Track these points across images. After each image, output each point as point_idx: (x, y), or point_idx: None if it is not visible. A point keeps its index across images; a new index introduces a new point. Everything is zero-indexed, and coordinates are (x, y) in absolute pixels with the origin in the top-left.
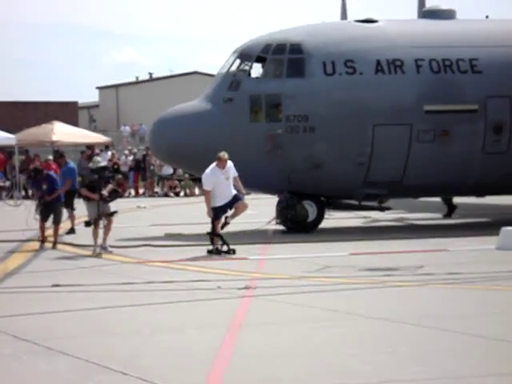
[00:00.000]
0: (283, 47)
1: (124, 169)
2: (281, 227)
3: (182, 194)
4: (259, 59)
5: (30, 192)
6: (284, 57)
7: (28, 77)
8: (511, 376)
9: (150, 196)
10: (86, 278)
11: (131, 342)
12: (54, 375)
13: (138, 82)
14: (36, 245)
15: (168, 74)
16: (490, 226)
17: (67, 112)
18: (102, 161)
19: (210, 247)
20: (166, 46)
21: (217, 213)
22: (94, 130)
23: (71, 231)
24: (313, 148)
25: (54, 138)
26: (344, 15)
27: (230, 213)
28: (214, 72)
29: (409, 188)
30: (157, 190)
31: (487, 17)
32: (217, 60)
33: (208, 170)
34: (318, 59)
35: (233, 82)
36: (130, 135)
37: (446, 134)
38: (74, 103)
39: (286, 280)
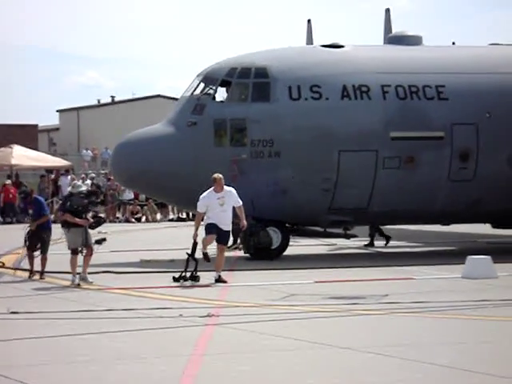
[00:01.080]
0: (248, 71)
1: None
2: (245, 254)
3: (143, 219)
4: (224, 83)
5: None
6: (249, 81)
7: None
8: None
9: (111, 222)
10: (45, 304)
11: (92, 370)
12: None
13: (99, 105)
14: None
15: (130, 97)
16: (456, 254)
17: (26, 135)
18: (82, 185)
19: (176, 275)
20: (128, 69)
21: (209, 228)
22: (54, 153)
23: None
24: (278, 173)
25: (13, 161)
26: (310, 40)
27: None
28: (178, 96)
29: (374, 215)
30: (118, 215)
31: (453, 43)
32: (180, 83)
33: (204, 193)
34: (284, 83)
35: (197, 105)
36: (92, 159)
37: (412, 160)
38: (34, 126)
39: (250, 308)
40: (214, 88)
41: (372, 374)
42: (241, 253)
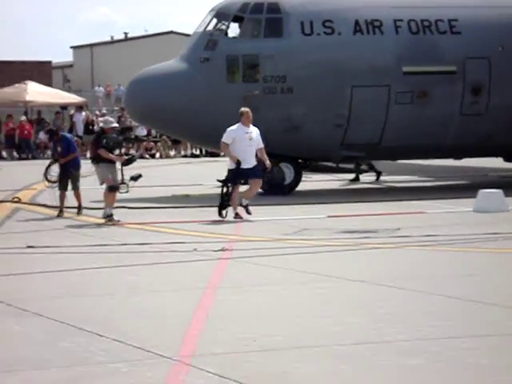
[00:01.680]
0: (261, 6)
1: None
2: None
3: (157, 155)
4: (236, 19)
5: (4, 153)
6: (261, 16)
7: (1, 36)
8: (485, 337)
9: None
10: (60, 239)
11: (106, 304)
12: (27, 336)
13: (112, 42)
14: (7, 206)
15: (143, 33)
16: (467, 188)
17: (41, 72)
18: (114, 121)
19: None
20: (141, 6)
21: (235, 176)
22: (69, 90)
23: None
24: (290, 109)
25: (28, 97)
26: None
27: (243, 190)
28: (190, 32)
29: (387, 150)
30: (132, 151)
31: None
32: (193, 19)
33: (232, 126)
34: (296, 19)
35: (209, 41)
36: (105, 96)
37: (425, 95)
38: (48, 63)
39: (263, 242)
40: (226, 24)
41: (385, 305)
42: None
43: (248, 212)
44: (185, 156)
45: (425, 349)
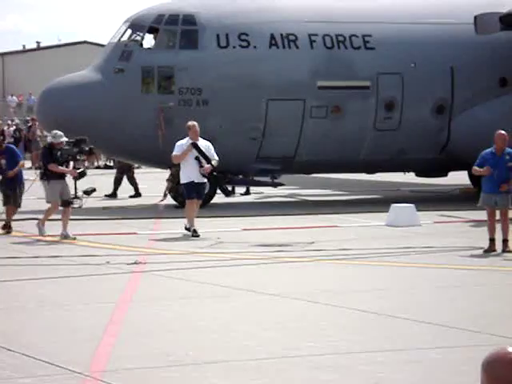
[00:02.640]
0: (176, 18)
1: (9, 140)
2: (173, 202)
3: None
4: (151, 30)
5: None
6: (177, 28)
7: None
8: (398, 352)
9: (36, 168)
10: None
11: (16, 318)
12: None
13: (24, 51)
14: None
15: (56, 43)
16: (380, 202)
17: None
18: (62, 134)
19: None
20: (53, 14)
21: (188, 191)
22: None
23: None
24: (206, 122)
25: None
26: None
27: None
28: (104, 42)
29: (301, 164)
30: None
31: None
32: (106, 30)
33: (180, 141)
34: (212, 31)
35: (124, 52)
36: (17, 105)
37: (338, 110)
38: None
39: (178, 255)
40: (141, 35)
41: (298, 320)
42: (169, 201)
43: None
44: (98, 167)
45: (337, 363)
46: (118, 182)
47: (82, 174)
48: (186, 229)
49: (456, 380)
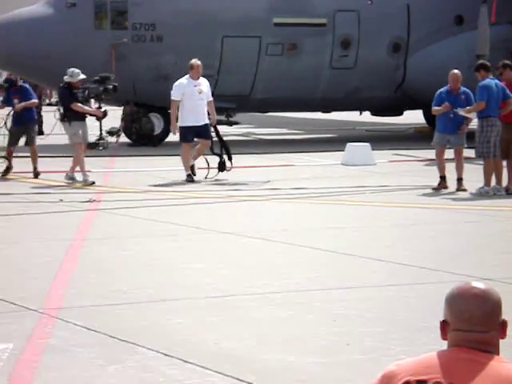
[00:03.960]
0: None
1: None
2: (127, 140)
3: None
4: None
5: None
6: None
7: None
8: (354, 289)
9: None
10: None
11: None
12: None
13: None
14: None
15: None
16: (335, 141)
17: None
18: (80, 72)
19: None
20: None
21: (185, 134)
22: None
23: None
24: (160, 58)
25: None
26: None
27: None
28: None
29: (257, 102)
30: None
31: None
32: None
33: (180, 79)
34: None
35: None
36: None
37: (295, 47)
38: None
39: (132, 194)
40: None
41: (256, 257)
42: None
43: (193, 173)
44: (49, 104)
45: (293, 300)
46: None
47: (105, 114)
48: (187, 176)
49: (410, 315)
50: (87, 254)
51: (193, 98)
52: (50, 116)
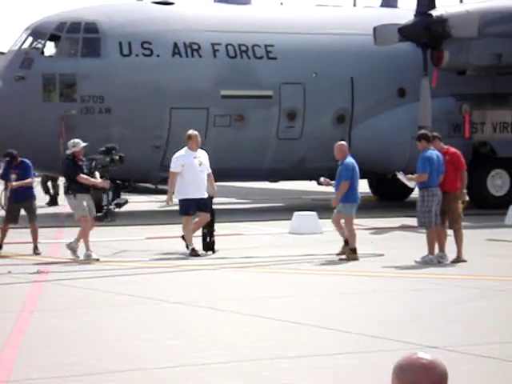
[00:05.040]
0: (78, 26)
1: None
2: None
3: None
4: (53, 37)
5: None
6: (79, 36)
7: None
8: (302, 358)
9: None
10: None
11: None
12: None
13: None
14: None
15: None
16: (283, 210)
17: None
18: (80, 141)
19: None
20: None
21: (188, 207)
22: None
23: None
24: (109, 130)
25: None
26: None
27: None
28: (4, 50)
29: None
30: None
31: (282, 4)
32: (7, 37)
33: (179, 152)
34: (114, 39)
35: (25, 59)
36: None
37: (242, 119)
38: None
39: (80, 265)
40: (42, 42)
41: (203, 327)
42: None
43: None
44: None
45: (242, 370)
46: (47, 190)
47: (110, 186)
48: (191, 250)
49: None
50: (35, 325)
51: (193, 170)
52: None
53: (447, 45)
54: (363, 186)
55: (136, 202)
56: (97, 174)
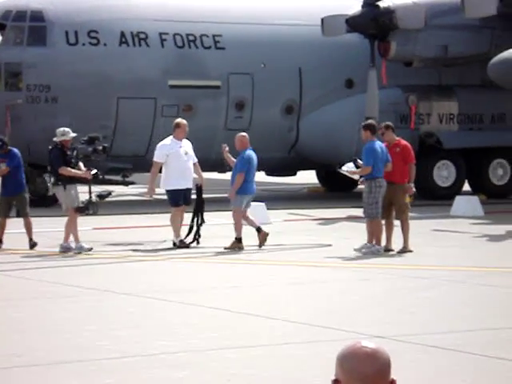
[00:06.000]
0: (24, 15)
1: None
2: None
3: None
4: None
5: None
6: (25, 24)
7: None
8: (249, 348)
9: None
10: None
11: None
12: None
13: None
14: None
15: None
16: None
17: None
18: (70, 130)
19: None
20: None
21: (175, 198)
22: None
23: None
24: (55, 119)
25: None
26: None
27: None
28: None
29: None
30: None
31: None
32: None
33: (163, 141)
34: (61, 28)
35: None
36: None
37: (190, 109)
38: None
39: (26, 256)
40: None
41: (151, 318)
42: None
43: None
44: None
45: (190, 360)
46: None
47: (96, 176)
48: (174, 244)
49: (305, 374)
50: None
51: (179, 159)
52: None
53: (394, 36)
54: (312, 177)
55: (82, 193)
56: (81, 164)
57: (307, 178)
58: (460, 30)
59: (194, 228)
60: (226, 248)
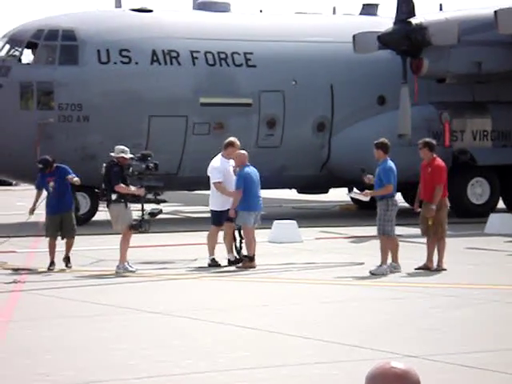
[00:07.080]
0: (56, 33)
1: None
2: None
3: None
4: (30, 45)
5: None
6: (56, 43)
7: None
8: (279, 367)
9: None
10: None
11: None
12: None
13: None
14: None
15: None
16: (263, 219)
17: None
18: (125, 147)
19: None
20: None
21: (222, 218)
22: None
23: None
24: (86, 138)
25: None
26: (119, 3)
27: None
28: None
29: (184, 180)
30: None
31: (261, 11)
32: None
33: (215, 160)
34: (92, 47)
35: (2, 67)
36: None
37: (221, 127)
38: None
39: (58, 274)
40: (19, 50)
41: (181, 337)
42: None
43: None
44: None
45: (218, 381)
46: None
47: (146, 193)
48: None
49: None
50: (11, 335)
51: (230, 178)
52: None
53: (427, 53)
54: (344, 195)
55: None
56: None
57: (339, 195)
58: (493, 47)
59: (237, 245)
60: (237, 267)
